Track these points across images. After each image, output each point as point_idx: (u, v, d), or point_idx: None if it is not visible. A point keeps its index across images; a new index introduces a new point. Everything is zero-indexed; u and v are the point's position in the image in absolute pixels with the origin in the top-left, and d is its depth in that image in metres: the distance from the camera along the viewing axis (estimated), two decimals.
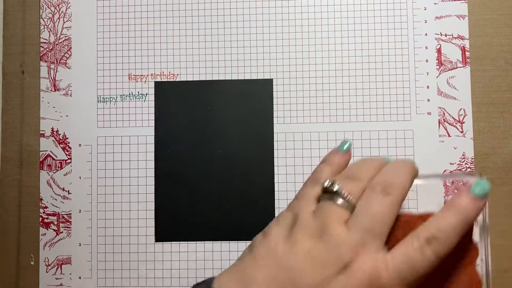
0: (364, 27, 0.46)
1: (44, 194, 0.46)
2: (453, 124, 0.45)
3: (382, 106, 0.45)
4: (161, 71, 0.47)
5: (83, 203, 0.46)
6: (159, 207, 0.46)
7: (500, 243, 0.44)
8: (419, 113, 0.45)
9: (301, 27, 0.46)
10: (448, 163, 0.44)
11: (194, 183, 0.45)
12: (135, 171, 0.46)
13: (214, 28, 0.47)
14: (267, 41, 0.46)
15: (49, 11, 0.48)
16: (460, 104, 0.45)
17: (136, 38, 0.47)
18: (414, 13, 0.46)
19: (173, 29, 0.47)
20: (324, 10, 0.46)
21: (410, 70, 0.45)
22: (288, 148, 0.45)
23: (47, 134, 0.47)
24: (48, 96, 0.47)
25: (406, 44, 0.46)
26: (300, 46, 0.46)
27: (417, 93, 0.45)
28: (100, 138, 0.47)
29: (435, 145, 0.45)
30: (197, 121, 0.46)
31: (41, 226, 0.46)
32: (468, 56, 0.45)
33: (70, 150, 0.46)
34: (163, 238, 0.45)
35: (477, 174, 0.28)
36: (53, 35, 0.47)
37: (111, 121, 0.47)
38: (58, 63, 0.47)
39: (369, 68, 0.46)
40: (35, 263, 0.45)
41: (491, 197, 0.44)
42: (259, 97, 0.46)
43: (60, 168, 0.46)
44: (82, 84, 0.47)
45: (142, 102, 0.47)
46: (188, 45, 0.47)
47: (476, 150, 0.44)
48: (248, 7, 0.47)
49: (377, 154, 0.45)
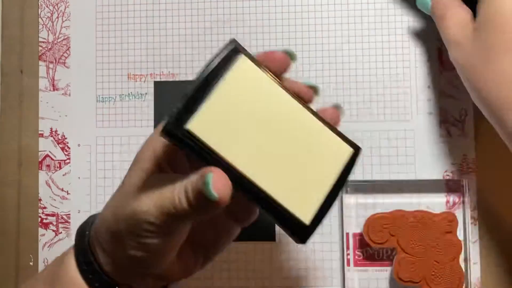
0: (365, 26, 0.46)
1: (43, 195, 0.46)
2: (454, 124, 0.45)
3: (383, 106, 0.45)
4: (160, 70, 0.47)
5: (83, 204, 0.46)
6: None
7: (501, 243, 0.43)
8: (419, 113, 0.45)
9: (301, 26, 0.46)
10: (449, 163, 0.44)
11: None
12: None
13: (214, 27, 0.46)
14: (267, 40, 0.46)
15: (47, 10, 0.47)
16: (461, 104, 0.45)
17: (135, 38, 0.47)
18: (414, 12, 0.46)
19: (173, 28, 0.47)
20: (324, 9, 0.46)
21: (410, 69, 0.45)
22: None
23: (45, 134, 0.46)
24: (47, 96, 0.47)
25: (407, 44, 0.45)
26: (300, 46, 0.46)
27: (418, 93, 0.45)
28: (99, 138, 0.46)
29: (436, 145, 0.44)
30: None
31: (40, 226, 0.46)
32: None
33: (69, 150, 0.46)
34: None
35: None
36: (51, 35, 0.47)
37: (110, 121, 0.46)
38: (57, 62, 0.47)
39: (370, 68, 0.45)
40: (34, 264, 0.45)
41: (492, 197, 0.43)
42: None
43: (59, 168, 0.46)
44: (81, 84, 0.47)
45: (141, 102, 0.46)
46: (187, 45, 0.47)
47: (478, 150, 0.44)
48: (248, 6, 0.46)
49: (377, 154, 0.45)
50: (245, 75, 0.27)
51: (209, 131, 0.26)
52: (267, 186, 0.27)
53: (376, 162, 0.45)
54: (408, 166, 0.44)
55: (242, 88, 0.27)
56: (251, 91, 0.27)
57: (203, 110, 0.26)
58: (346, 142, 0.29)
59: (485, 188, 0.44)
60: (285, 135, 0.28)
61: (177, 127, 0.26)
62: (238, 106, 0.27)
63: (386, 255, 0.43)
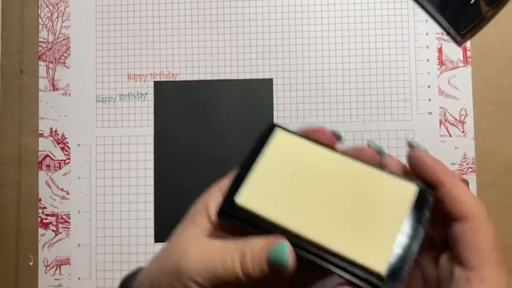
0: (365, 26, 0.46)
1: (43, 195, 0.46)
2: (454, 124, 0.45)
3: (383, 106, 0.45)
4: (160, 70, 0.47)
5: (82, 204, 0.46)
6: (159, 207, 0.45)
7: (502, 243, 0.43)
8: (420, 113, 0.45)
9: (301, 26, 0.46)
10: (449, 163, 0.44)
11: (193, 183, 0.45)
12: (134, 171, 0.45)
13: (214, 27, 0.46)
14: (267, 40, 0.46)
15: (47, 10, 0.47)
16: (461, 104, 0.45)
17: (135, 38, 0.47)
18: (415, 12, 0.46)
19: (173, 28, 0.47)
20: (324, 9, 0.46)
21: (411, 69, 0.45)
22: None
23: (45, 134, 0.46)
24: (47, 96, 0.47)
25: (407, 44, 0.45)
26: (300, 46, 0.46)
27: (418, 92, 0.45)
28: (99, 138, 0.46)
29: (436, 145, 0.44)
30: (197, 121, 0.46)
31: (40, 226, 0.46)
32: (469, 56, 0.45)
33: (69, 150, 0.46)
34: (162, 239, 0.45)
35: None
36: (51, 35, 0.47)
37: (110, 121, 0.46)
38: (56, 62, 0.47)
39: (370, 68, 0.45)
40: (34, 264, 0.45)
41: (492, 197, 0.43)
42: (259, 97, 0.46)
43: (59, 168, 0.46)
44: (81, 84, 0.47)
45: (141, 101, 0.46)
46: (187, 45, 0.47)
47: (477, 150, 0.44)
48: (248, 6, 0.46)
49: None
50: (285, 143, 0.28)
51: (261, 202, 0.26)
52: (332, 244, 0.25)
53: None
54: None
55: (284, 155, 0.27)
56: (294, 156, 0.27)
57: (251, 183, 0.27)
58: (407, 181, 0.27)
59: (485, 188, 0.44)
60: (338, 188, 0.27)
61: (230, 207, 0.26)
62: (284, 172, 0.27)
63: None
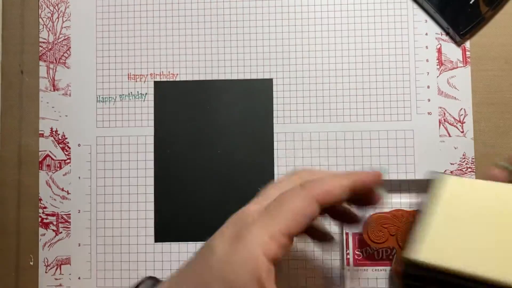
0: (364, 26, 0.46)
1: (43, 194, 0.46)
2: (454, 124, 0.45)
3: (382, 106, 0.45)
4: (160, 70, 0.47)
5: (83, 203, 0.46)
6: (159, 207, 0.45)
7: None
8: (419, 113, 0.45)
9: (301, 26, 0.46)
10: (448, 163, 0.44)
11: (193, 183, 0.45)
12: (134, 171, 0.45)
13: (214, 28, 0.47)
14: (267, 41, 0.46)
15: (48, 11, 0.47)
16: (461, 104, 0.45)
17: (135, 38, 0.47)
18: (414, 12, 0.46)
19: (173, 28, 0.47)
20: (324, 9, 0.46)
21: (410, 70, 0.45)
22: (288, 148, 0.45)
23: (46, 134, 0.46)
24: (47, 96, 0.47)
25: (407, 44, 0.46)
26: (300, 46, 0.46)
27: (418, 93, 0.45)
28: (99, 138, 0.46)
29: (436, 145, 0.45)
30: (196, 121, 0.46)
31: (41, 226, 0.46)
32: (469, 56, 0.45)
33: (69, 150, 0.46)
34: (162, 239, 0.45)
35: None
36: (52, 35, 0.47)
37: (110, 121, 0.47)
38: (57, 62, 0.47)
39: (369, 68, 0.46)
40: (34, 264, 0.45)
41: None
42: (259, 97, 0.46)
43: (59, 168, 0.46)
44: (81, 84, 0.47)
45: (141, 102, 0.47)
46: (187, 45, 0.47)
47: (477, 150, 0.44)
48: (248, 6, 0.46)
49: (377, 154, 0.45)
50: (456, 188, 0.27)
51: (445, 254, 0.24)
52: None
53: (376, 162, 0.45)
54: (408, 166, 0.44)
55: (459, 201, 0.26)
56: (470, 199, 0.26)
57: (430, 237, 0.24)
58: None
59: None
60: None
61: (414, 268, 0.24)
62: (461, 218, 0.25)
63: (385, 255, 0.44)
